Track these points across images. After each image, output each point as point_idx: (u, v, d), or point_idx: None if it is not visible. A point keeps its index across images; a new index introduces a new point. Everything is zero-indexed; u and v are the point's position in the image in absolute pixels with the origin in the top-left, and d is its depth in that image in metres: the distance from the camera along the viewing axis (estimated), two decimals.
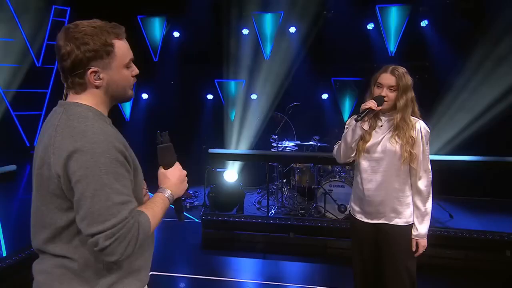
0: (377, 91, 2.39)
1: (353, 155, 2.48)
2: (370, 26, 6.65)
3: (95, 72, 1.36)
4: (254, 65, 6.95)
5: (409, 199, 2.45)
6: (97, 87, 1.38)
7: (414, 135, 2.36)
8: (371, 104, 2.32)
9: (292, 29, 6.85)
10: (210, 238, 4.79)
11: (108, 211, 1.25)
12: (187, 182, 1.57)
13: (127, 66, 1.41)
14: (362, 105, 2.35)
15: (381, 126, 2.44)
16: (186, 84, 7.25)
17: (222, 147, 6.38)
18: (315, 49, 6.62)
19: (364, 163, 2.47)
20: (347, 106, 6.97)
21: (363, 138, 2.44)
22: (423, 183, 2.41)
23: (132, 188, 1.38)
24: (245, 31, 7.06)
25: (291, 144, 5.90)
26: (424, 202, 2.40)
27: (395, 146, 2.37)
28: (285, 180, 6.07)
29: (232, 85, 7.35)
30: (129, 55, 1.42)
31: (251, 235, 4.74)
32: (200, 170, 5.76)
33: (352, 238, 2.66)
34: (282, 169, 5.99)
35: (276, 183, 5.90)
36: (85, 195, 1.25)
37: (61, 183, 1.29)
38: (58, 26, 8.20)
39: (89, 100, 1.39)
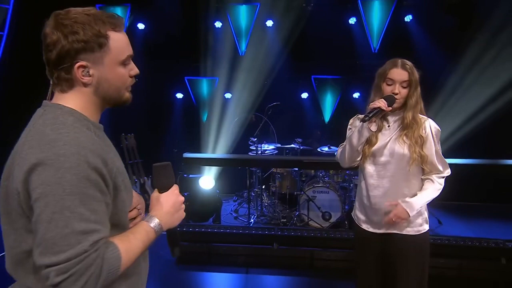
0: (388, 89, 2.34)
1: (359, 158, 2.44)
2: (352, 20, 6.70)
3: (84, 67, 1.26)
4: (228, 61, 6.85)
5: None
6: (85, 85, 1.28)
7: (423, 135, 2.35)
8: (381, 103, 2.26)
9: (269, 23, 6.80)
10: (186, 251, 4.65)
11: (64, 241, 1.12)
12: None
13: (124, 64, 1.32)
14: (371, 104, 2.30)
15: (388, 126, 2.41)
16: (152, 81, 7.01)
17: (198, 151, 6.27)
18: (294, 44, 6.59)
19: (369, 168, 2.44)
20: (328, 106, 7.00)
21: (369, 141, 2.40)
22: (435, 178, 2.41)
23: (111, 212, 1.26)
24: (218, 24, 6.95)
25: (271, 147, 5.87)
26: (431, 187, 2.38)
27: (403, 147, 2.35)
28: (264, 187, 6.03)
29: (204, 83, 7.23)
30: (128, 51, 1.33)
31: (232, 247, 4.65)
32: None
33: (356, 249, 2.61)
34: (261, 175, 5.95)
35: (255, 189, 5.84)
36: (42, 218, 1.13)
37: (21, 200, 1.19)
38: (0, 14, 7.78)
39: (75, 100, 1.29)
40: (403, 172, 2.37)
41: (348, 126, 2.55)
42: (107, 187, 1.22)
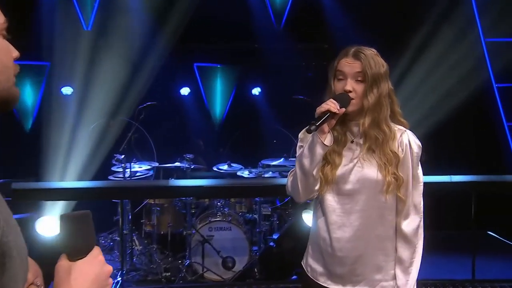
0: (338, 86, 2.37)
1: (317, 187, 2.42)
2: None
3: None
4: (65, 39, 6.57)
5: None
6: None
7: (397, 151, 2.38)
8: (330, 105, 2.26)
9: None
10: None
11: None
12: None
13: (2, 34, 1.27)
14: (318, 108, 2.30)
15: (352, 142, 2.43)
16: None
17: (34, 179, 5.82)
18: (167, 18, 6.51)
19: (330, 199, 2.43)
20: (218, 105, 7.06)
21: (331, 161, 2.40)
22: (411, 224, 2.44)
23: None
24: None
25: (145, 167, 5.72)
26: (411, 252, 2.44)
27: (374, 170, 2.38)
28: (134, 227, 5.78)
29: (24, 71, 6.56)
30: (1, 17, 1.29)
31: None
32: None
33: None
34: (131, 209, 5.68)
35: (125, 231, 5.51)
36: None
37: None
38: None
39: None
40: (377, 205, 2.40)
41: (298, 144, 2.54)
42: None
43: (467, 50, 6.42)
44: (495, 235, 6.48)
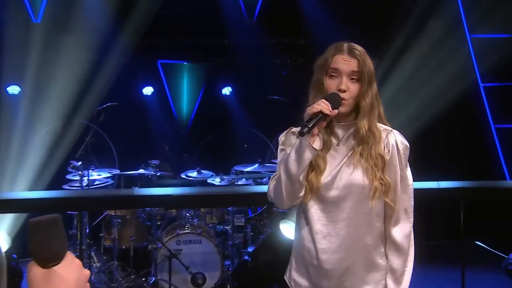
0: (332, 84, 2.38)
1: (302, 193, 2.43)
2: None
3: None
4: (11, 31, 6.44)
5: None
6: None
7: (383, 153, 2.41)
8: (322, 106, 2.26)
9: None
10: None
11: None
12: None
13: None
14: (308, 109, 2.32)
15: (338, 145, 2.47)
16: None
17: None
18: (128, 11, 6.46)
19: (314, 207, 2.46)
20: (184, 105, 7.03)
21: (316, 167, 2.41)
22: (401, 230, 2.46)
23: None
24: None
25: (105, 175, 5.62)
26: (402, 260, 2.47)
27: (361, 174, 2.41)
28: (92, 242, 5.67)
29: None
30: None
31: None
32: None
33: None
34: (88, 222, 5.59)
35: (84, 247, 5.39)
36: None
37: None
38: None
39: None
40: (364, 212, 2.42)
41: (280, 147, 2.57)
42: None
43: (452, 47, 6.50)
44: (483, 245, 6.53)
